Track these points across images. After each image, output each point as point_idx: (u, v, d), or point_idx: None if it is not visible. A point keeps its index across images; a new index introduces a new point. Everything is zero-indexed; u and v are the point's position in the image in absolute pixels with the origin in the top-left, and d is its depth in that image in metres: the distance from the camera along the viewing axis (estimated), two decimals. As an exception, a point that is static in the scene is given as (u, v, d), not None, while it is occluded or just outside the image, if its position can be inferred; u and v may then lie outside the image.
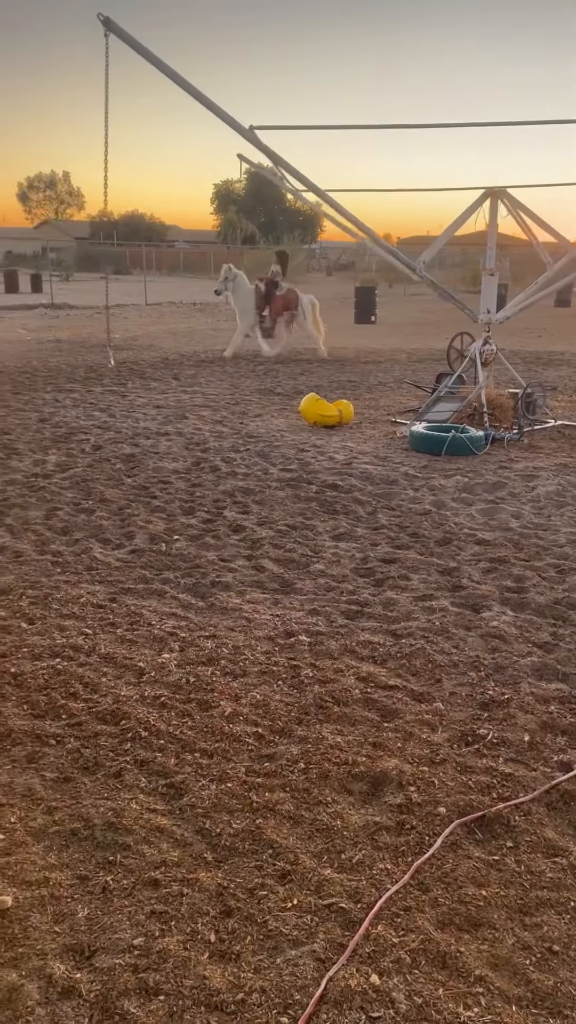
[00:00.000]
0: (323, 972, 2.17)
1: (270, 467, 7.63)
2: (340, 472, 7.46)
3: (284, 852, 2.62)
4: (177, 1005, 2.06)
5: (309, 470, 7.52)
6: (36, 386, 11.87)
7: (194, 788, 2.95)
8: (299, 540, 5.67)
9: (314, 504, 6.52)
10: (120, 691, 3.62)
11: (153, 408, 10.45)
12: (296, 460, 7.89)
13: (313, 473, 7.41)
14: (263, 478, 7.25)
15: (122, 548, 5.50)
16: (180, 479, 7.19)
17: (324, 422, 9.51)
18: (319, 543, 5.63)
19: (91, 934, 2.29)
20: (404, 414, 10.22)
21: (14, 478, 7.07)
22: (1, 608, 4.46)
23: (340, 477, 7.27)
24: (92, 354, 15.76)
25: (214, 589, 4.82)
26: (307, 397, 9.86)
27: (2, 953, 2.23)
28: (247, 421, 9.80)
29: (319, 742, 3.24)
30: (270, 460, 7.89)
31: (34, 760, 3.13)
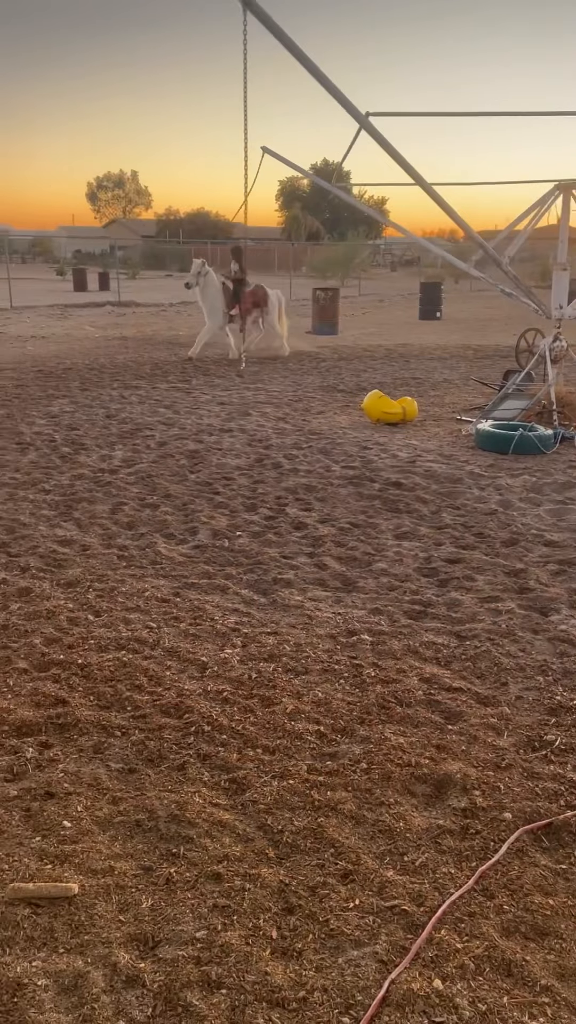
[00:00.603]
0: (385, 974, 2.16)
1: (332, 464, 7.61)
2: (404, 470, 7.39)
3: (346, 852, 2.61)
4: (239, 1000, 2.08)
5: (372, 468, 7.47)
6: (103, 383, 12.08)
7: (256, 784, 2.96)
8: (361, 538, 5.65)
9: (377, 502, 6.48)
10: (184, 685, 3.66)
11: (217, 405, 10.53)
12: (359, 457, 7.86)
13: (376, 471, 7.37)
14: (325, 475, 7.24)
15: (185, 543, 5.56)
16: (243, 476, 7.23)
17: (387, 419, 9.45)
18: (382, 542, 5.59)
19: (155, 924, 2.32)
20: (470, 412, 10.08)
21: (82, 473, 7.21)
22: (69, 600, 4.55)
23: (403, 475, 7.21)
24: (157, 351, 15.96)
25: (276, 586, 4.83)
26: (370, 394, 9.81)
27: (68, 940, 2.27)
28: (310, 418, 9.80)
29: (382, 742, 3.21)
30: (332, 457, 7.88)
31: (100, 751, 3.18)
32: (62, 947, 2.24)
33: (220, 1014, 2.03)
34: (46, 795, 2.89)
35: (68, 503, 6.36)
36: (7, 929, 2.29)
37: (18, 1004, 2.05)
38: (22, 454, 7.84)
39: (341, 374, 13.45)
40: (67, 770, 3.04)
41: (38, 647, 3.98)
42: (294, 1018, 2.03)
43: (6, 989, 2.09)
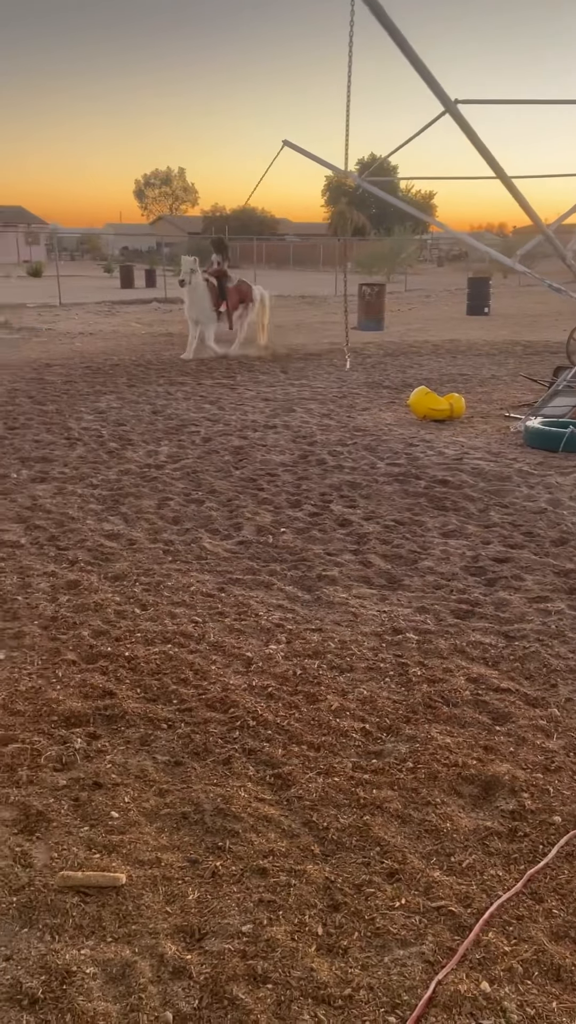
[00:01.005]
0: (432, 975, 2.14)
1: (377, 461, 7.57)
2: (450, 467, 7.32)
3: (392, 851, 2.60)
4: (285, 995, 2.08)
5: (418, 465, 7.42)
6: (149, 379, 12.19)
7: (301, 780, 2.96)
8: (407, 536, 5.61)
9: (423, 500, 6.43)
10: (229, 680, 3.68)
11: (261, 401, 10.55)
12: (404, 455, 7.80)
13: (422, 468, 7.31)
14: (370, 472, 7.21)
15: (230, 539, 5.58)
16: (287, 472, 7.23)
17: (434, 416, 9.36)
18: (428, 540, 5.55)
19: (201, 917, 2.34)
20: (518, 408, 9.94)
21: (129, 468, 7.28)
22: (116, 593, 4.60)
23: (450, 473, 7.14)
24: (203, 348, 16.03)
25: (320, 583, 4.83)
26: (417, 390, 9.73)
27: (116, 929, 2.30)
28: (355, 415, 9.76)
29: (428, 742, 3.19)
30: (378, 454, 7.84)
31: (147, 743, 3.21)
32: (110, 936, 2.27)
33: (266, 1009, 2.04)
34: (94, 785, 2.93)
35: (115, 498, 6.43)
36: (56, 916, 2.33)
37: (67, 991, 2.08)
38: (71, 449, 7.95)
39: (387, 370, 13.37)
40: (115, 761, 3.07)
41: (86, 639, 4.03)
42: (340, 1015, 2.03)
43: (55, 976, 2.12)
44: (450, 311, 25.40)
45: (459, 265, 52.48)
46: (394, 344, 16.91)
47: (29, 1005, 2.05)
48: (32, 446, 8.02)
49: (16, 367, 13.13)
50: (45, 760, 3.07)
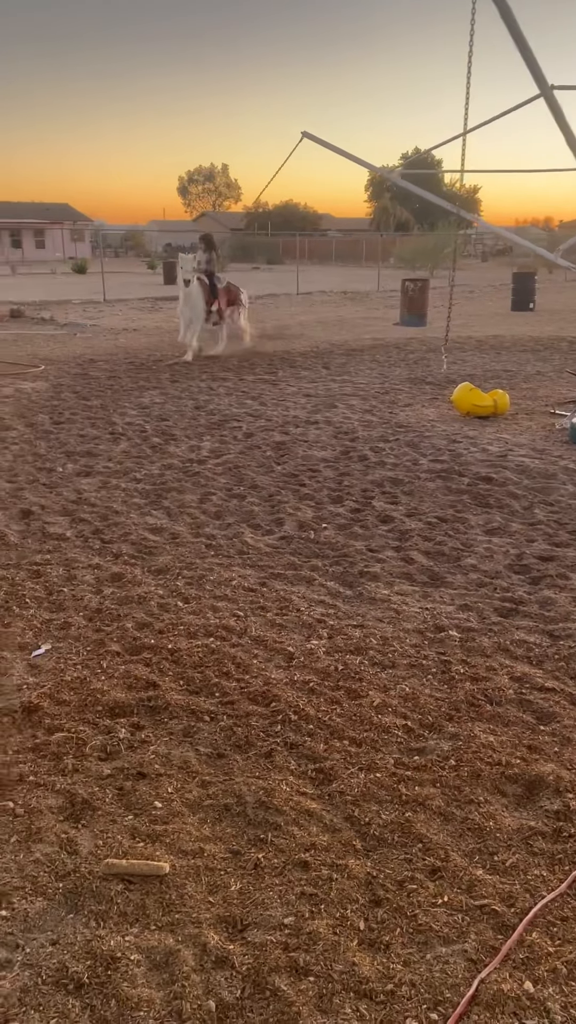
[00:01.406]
0: (474, 973, 2.13)
1: (420, 458, 7.53)
2: (494, 464, 7.25)
3: (434, 848, 2.59)
4: (327, 988, 2.09)
5: (461, 462, 7.36)
6: (192, 374, 12.26)
7: (343, 775, 2.96)
8: (450, 533, 5.57)
9: (466, 497, 6.37)
10: (270, 674, 3.69)
11: (303, 397, 10.55)
12: (447, 451, 7.74)
13: (465, 465, 7.25)
14: (413, 469, 7.17)
15: (272, 534, 5.59)
16: (328, 468, 7.23)
17: (478, 412, 9.27)
18: (471, 537, 5.50)
19: (243, 908, 2.36)
20: (564, 405, 9.80)
21: (171, 463, 7.34)
22: (159, 586, 4.64)
23: (494, 470, 7.07)
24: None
25: (362, 579, 4.82)
26: (460, 386, 9.64)
27: (160, 917, 2.32)
28: (397, 411, 9.71)
29: (471, 740, 3.17)
30: (420, 450, 7.79)
31: (189, 734, 3.24)
32: (153, 924, 2.30)
33: (308, 1001, 2.05)
34: (138, 775, 2.96)
35: (158, 492, 6.49)
36: (101, 903, 2.37)
37: (111, 977, 2.12)
38: (115, 444, 8.04)
39: (429, 366, 13.27)
40: (158, 752, 3.11)
41: (130, 631, 4.08)
42: (382, 1010, 2.03)
43: (100, 961, 2.16)
44: (494, 306, 25.12)
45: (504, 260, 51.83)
46: (437, 340, 16.74)
47: (75, 989, 2.09)
48: (77, 440, 8.12)
49: (61, 362, 13.31)
50: (90, 749, 3.11)
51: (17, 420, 8.99)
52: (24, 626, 4.14)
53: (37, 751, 3.11)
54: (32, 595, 4.49)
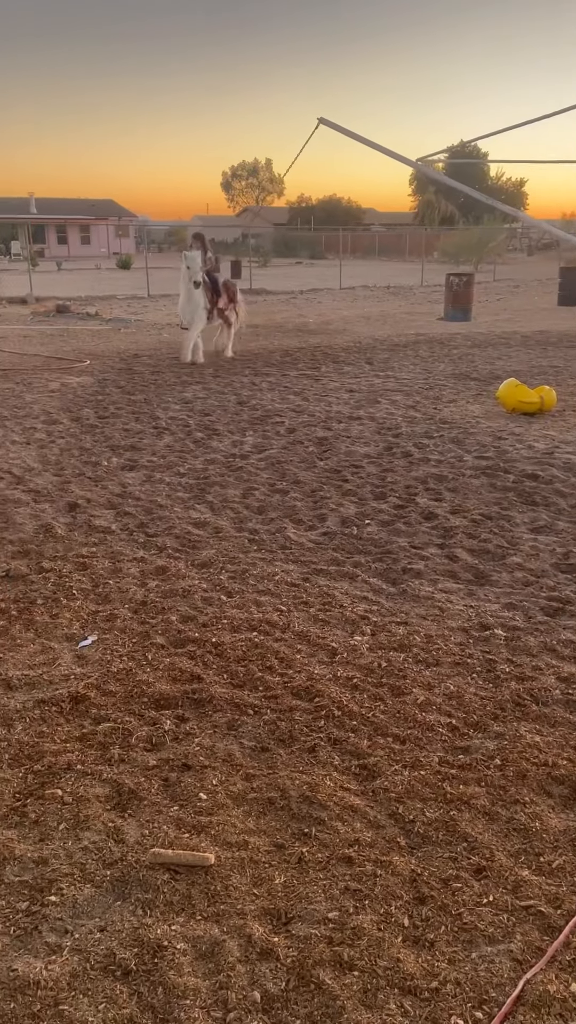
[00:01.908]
0: (520, 973, 2.12)
1: (464, 454, 7.46)
2: (540, 462, 7.16)
3: (479, 847, 2.57)
4: (371, 983, 2.09)
5: (506, 459, 7.28)
6: (235, 370, 12.31)
7: (387, 772, 2.96)
8: (495, 531, 5.52)
9: (511, 494, 6.31)
10: (313, 669, 3.70)
11: (346, 392, 10.53)
12: (492, 448, 7.67)
13: (511, 462, 7.17)
14: (457, 465, 7.11)
15: (314, 530, 5.60)
16: (372, 464, 7.20)
17: (524, 409, 9.16)
18: (516, 535, 5.44)
19: (287, 901, 2.37)
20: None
21: (215, 458, 7.38)
22: (203, 580, 4.68)
23: (540, 467, 6.98)
24: (287, 338, 16.09)
25: (405, 576, 4.80)
26: (506, 382, 9.53)
27: (205, 908, 2.35)
28: (441, 407, 9.64)
29: (516, 740, 3.14)
30: (465, 447, 7.72)
31: (233, 727, 3.27)
32: (199, 914, 2.32)
33: (352, 995, 2.06)
34: (183, 767, 3.00)
35: (201, 486, 6.53)
36: (148, 892, 2.40)
37: (158, 965, 2.15)
38: (158, 438, 8.11)
39: (474, 362, 13.14)
40: (203, 744, 3.14)
41: (174, 624, 4.12)
42: (426, 1007, 2.03)
43: (147, 949, 2.19)
44: (541, 301, 24.76)
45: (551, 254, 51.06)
46: (482, 335, 16.60)
47: (123, 976, 2.12)
48: (122, 435, 8.21)
49: (106, 357, 13.45)
50: (136, 740, 3.15)
51: (63, 414, 9.11)
52: (71, 617, 4.20)
53: (84, 740, 3.16)
54: (79, 587, 4.55)
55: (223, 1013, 2.01)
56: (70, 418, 8.95)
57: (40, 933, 2.25)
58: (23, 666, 3.72)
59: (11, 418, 8.88)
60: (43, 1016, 2.00)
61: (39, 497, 6.21)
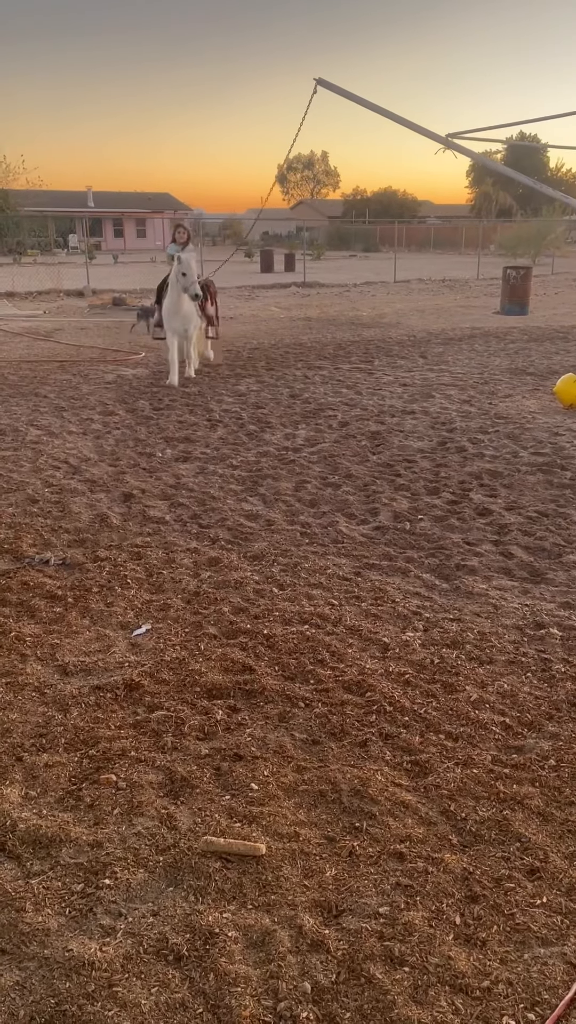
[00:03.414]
0: (574, 976, 2.09)
1: (520, 450, 7.35)
2: (598, 459, 7.01)
3: (533, 848, 2.54)
4: (422, 980, 2.08)
5: (564, 455, 7.15)
6: (288, 363, 12.31)
7: (439, 769, 2.94)
8: (551, 528, 5.43)
9: (568, 491, 6.19)
10: (365, 664, 3.69)
11: (399, 386, 10.45)
12: (549, 444, 7.54)
13: (568, 459, 7.04)
14: (512, 461, 7.01)
15: (367, 524, 5.58)
16: (425, 458, 7.14)
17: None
18: (573, 533, 5.35)
19: (338, 894, 2.37)
20: None
21: (267, 450, 7.39)
22: (255, 572, 4.70)
23: (598, 464, 6.84)
24: (340, 331, 16.03)
25: (459, 572, 4.75)
26: (564, 378, 9.35)
27: (256, 897, 2.37)
28: (496, 402, 9.51)
29: (572, 741, 3.09)
30: (520, 443, 7.61)
31: (285, 720, 3.28)
32: (250, 903, 2.34)
33: (403, 991, 2.05)
34: (235, 757, 3.02)
35: (254, 479, 6.55)
36: (200, 879, 2.42)
37: (210, 951, 2.17)
38: (212, 430, 8.16)
39: (531, 356, 12.92)
40: (254, 735, 3.15)
41: (227, 615, 4.15)
42: (478, 1006, 2.02)
43: (199, 935, 2.22)
44: (599, 295, 24.23)
45: (610, 246, 49.86)
46: (539, 329, 16.31)
47: (175, 961, 2.15)
48: (176, 427, 8.28)
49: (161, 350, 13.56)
50: (188, 729, 3.19)
51: (119, 406, 9.23)
52: (125, 606, 4.26)
53: (138, 728, 3.20)
54: (133, 576, 4.61)
55: (273, 1002, 2.03)
56: (125, 409, 9.06)
57: (95, 915, 2.29)
58: (79, 652, 3.78)
59: (68, 409, 9.03)
60: (97, 997, 2.04)
61: (95, 487, 6.30)
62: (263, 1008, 2.01)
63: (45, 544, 5.10)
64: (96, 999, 2.04)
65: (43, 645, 3.85)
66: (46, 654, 3.77)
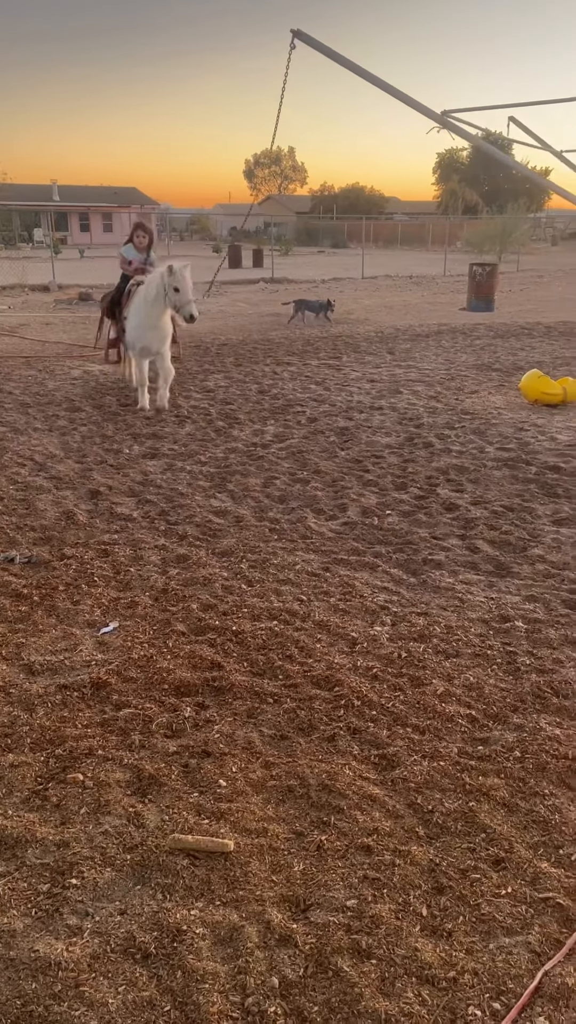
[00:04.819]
0: (538, 965, 2.12)
1: (486, 445, 7.42)
2: (563, 453, 7.10)
3: (498, 839, 2.57)
4: (389, 972, 2.10)
5: (528, 450, 7.22)
6: (256, 358, 12.29)
7: (406, 762, 2.96)
8: (516, 522, 5.48)
9: (533, 486, 6.26)
10: (333, 659, 3.70)
11: (367, 382, 10.48)
12: (514, 439, 7.61)
13: (533, 453, 7.12)
14: (478, 456, 7.07)
15: (335, 519, 5.59)
16: (393, 454, 7.18)
17: (546, 400, 9.08)
18: (538, 527, 5.41)
19: (306, 888, 2.38)
20: None
21: (236, 447, 7.38)
22: (224, 569, 4.69)
23: (563, 459, 6.92)
24: (309, 328, 16.04)
25: (426, 566, 4.78)
26: (528, 373, 9.46)
27: (224, 893, 2.37)
28: (463, 397, 9.58)
29: (536, 732, 3.13)
30: (486, 438, 7.67)
31: (253, 715, 3.28)
32: (218, 900, 2.34)
33: (370, 983, 2.06)
34: (203, 753, 3.01)
35: (223, 475, 6.54)
36: (168, 876, 2.42)
37: (178, 949, 2.17)
38: (180, 426, 8.12)
39: (496, 352, 13.04)
40: (222, 731, 3.15)
41: (195, 612, 4.14)
42: (444, 996, 2.04)
43: (167, 933, 2.21)
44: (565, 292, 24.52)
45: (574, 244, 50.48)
46: (505, 325, 16.46)
47: (142, 959, 2.15)
48: (143, 423, 8.23)
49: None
50: (156, 726, 3.18)
51: (86, 402, 9.15)
52: (92, 604, 4.23)
53: (105, 726, 3.18)
54: (100, 574, 4.58)
55: (241, 997, 2.03)
56: (92, 405, 8.98)
57: (61, 915, 2.28)
58: (45, 651, 3.75)
59: (34, 405, 8.93)
60: (64, 997, 2.03)
61: (61, 484, 6.24)
62: (231, 1004, 2.01)
63: (10, 542, 5.05)
64: (63, 999, 2.03)
65: (8, 644, 3.81)
66: (11, 653, 3.73)
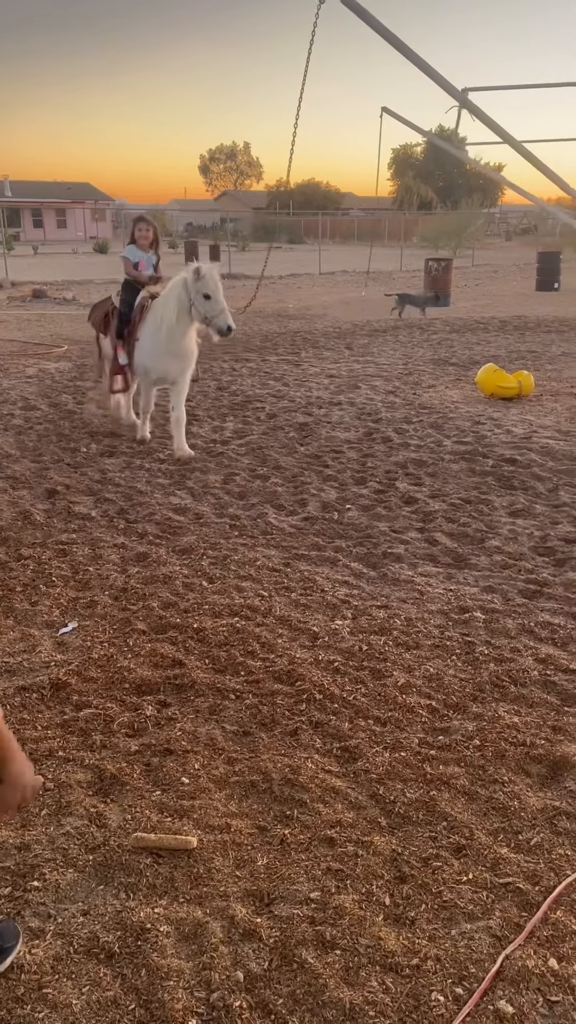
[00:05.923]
0: (499, 949, 2.15)
1: (444, 439, 7.49)
2: (518, 446, 7.20)
3: (459, 826, 2.60)
4: (353, 961, 2.12)
5: (485, 443, 7.31)
6: (214, 355, 12.24)
7: (368, 754, 2.99)
8: (473, 515, 5.55)
9: (490, 479, 6.34)
10: (295, 653, 3.71)
11: (326, 378, 10.52)
12: (471, 433, 7.70)
13: (489, 447, 7.21)
14: (436, 450, 7.14)
15: (295, 515, 5.60)
16: (352, 449, 7.21)
17: (502, 394, 9.20)
18: (495, 519, 5.48)
19: (270, 882, 2.39)
20: (588, 387, 9.69)
21: (195, 443, 7.35)
22: (184, 566, 4.67)
23: (518, 451, 7.03)
24: (267, 323, 16.04)
25: (386, 560, 4.82)
26: (484, 368, 9.57)
27: (188, 890, 2.36)
28: (420, 392, 9.66)
29: (495, 720, 3.18)
30: (444, 432, 7.75)
31: (215, 712, 3.27)
32: (182, 897, 2.34)
33: (334, 974, 2.08)
34: (165, 751, 3.00)
35: (182, 472, 6.51)
36: (131, 875, 2.41)
37: (141, 947, 2.16)
38: (138, 424, 8.05)
39: (453, 347, 13.17)
40: (184, 729, 3.14)
41: (156, 610, 4.12)
42: (408, 983, 2.06)
43: (131, 932, 2.20)
44: (519, 287, 24.84)
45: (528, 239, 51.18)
46: (461, 320, 16.63)
47: (106, 959, 2.13)
48: (101, 421, 8.16)
49: (84, 342, 13.32)
50: (118, 726, 3.16)
51: (41, 400, 9.04)
52: (51, 604, 4.19)
53: (66, 727, 3.15)
54: (59, 574, 4.53)
55: (206, 993, 2.03)
56: (48, 404, 8.88)
57: (23, 918, 2.25)
58: (3, 653, 3.70)
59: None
60: (27, 1000, 2.01)
61: (17, 484, 6.16)
62: (196, 1000, 2.01)
63: (-34, 543, 4.97)
64: (26, 1002, 2.01)
65: (-35, 647, 3.75)
66: (-31, 656, 3.68)
